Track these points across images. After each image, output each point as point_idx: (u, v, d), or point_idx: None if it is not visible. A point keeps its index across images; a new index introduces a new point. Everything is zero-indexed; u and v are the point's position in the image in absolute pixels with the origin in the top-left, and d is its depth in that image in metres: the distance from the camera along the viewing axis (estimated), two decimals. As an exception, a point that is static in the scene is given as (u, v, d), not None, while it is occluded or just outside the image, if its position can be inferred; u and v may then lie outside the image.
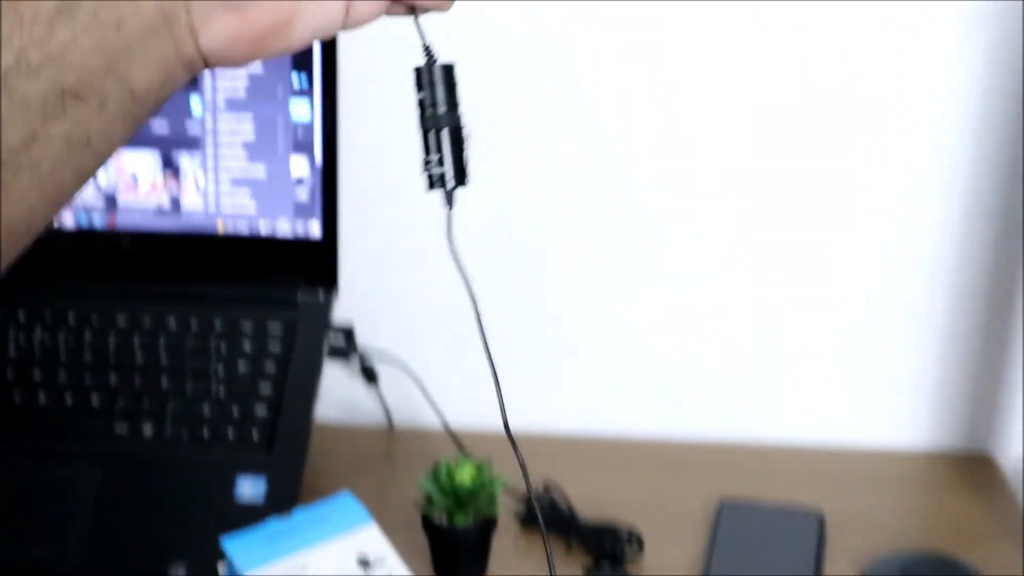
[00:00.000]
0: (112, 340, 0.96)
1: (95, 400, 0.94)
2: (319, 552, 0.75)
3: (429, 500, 0.87)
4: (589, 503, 0.95)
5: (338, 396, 1.09)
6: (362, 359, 1.07)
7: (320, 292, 0.99)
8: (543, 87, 1.04)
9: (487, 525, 0.88)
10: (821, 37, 1.02)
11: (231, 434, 0.93)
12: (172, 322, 0.97)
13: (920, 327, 1.08)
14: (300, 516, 0.77)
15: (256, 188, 0.97)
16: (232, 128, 0.96)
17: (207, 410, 0.93)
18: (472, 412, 0.97)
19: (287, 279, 0.99)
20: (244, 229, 0.98)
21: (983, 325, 1.07)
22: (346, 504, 0.78)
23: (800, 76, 1.03)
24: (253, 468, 0.91)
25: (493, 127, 1.03)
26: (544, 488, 0.95)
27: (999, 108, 1.02)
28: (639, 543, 0.93)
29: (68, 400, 0.94)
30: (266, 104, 0.96)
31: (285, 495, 0.90)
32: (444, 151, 0.56)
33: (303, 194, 0.97)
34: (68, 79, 0.49)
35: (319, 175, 0.97)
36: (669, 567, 0.92)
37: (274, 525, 0.76)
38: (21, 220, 0.51)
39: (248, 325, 0.97)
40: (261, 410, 0.94)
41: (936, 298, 1.07)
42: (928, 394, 1.09)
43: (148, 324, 0.97)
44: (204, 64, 0.52)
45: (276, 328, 0.97)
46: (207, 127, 0.97)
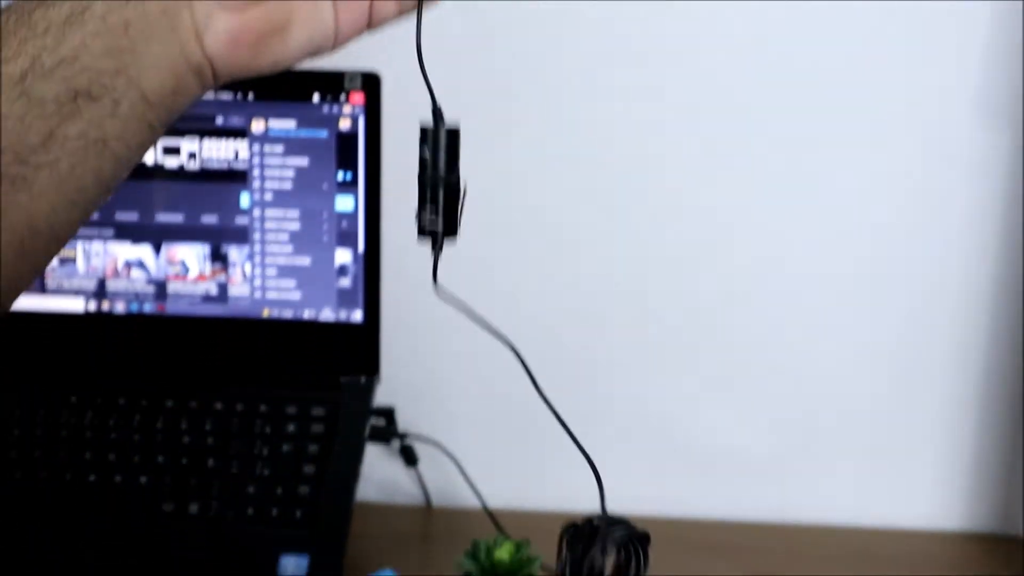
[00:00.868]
0: (160, 422, 1.00)
1: (143, 479, 0.97)
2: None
3: (468, 578, 0.89)
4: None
5: (379, 476, 1.12)
6: (402, 441, 1.10)
7: (362, 376, 1.02)
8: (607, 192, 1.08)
9: (524, 602, 0.90)
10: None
11: (275, 513, 0.95)
12: (219, 404, 1.00)
13: (953, 408, 1.10)
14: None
15: (301, 277, 1.01)
16: (279, 220, 1.01)
17: (252, 489, 0.96)
18: (509, 492, 1.00)
19: (330, 364, 1.02)
20: (289, 315, 1.02)
21: (1017, 407, 1.09)
22: (388, 582, 0.80)
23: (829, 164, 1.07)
24: (296, 546, 0.94)
25: (544, 212, 1.07)
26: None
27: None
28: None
29: (117, 479, 0.97)
30: (312, 197, 1.00)
31: (328, 573, 0.92)
32: (439, 205, 0.60)
33: (346, 282, 1.01)
34: (80, 81, 0.53)
35: (362, 264, 1.01)
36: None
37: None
38: (43, 220, 0.54)
39: (292, 408, 1.00)
40: (304, 490, 0.96)
41: (969, 379, 1.09)
42: (961, 475, 1.11)
43: (195, 406, 1.00)
44: (212, 72, 0.56)
45: (319, 411, 1.00)
46: (255, 219, 1.01)
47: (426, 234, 0.60)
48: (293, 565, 0.93)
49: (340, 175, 1.00)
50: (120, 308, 1.03)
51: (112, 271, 1.03)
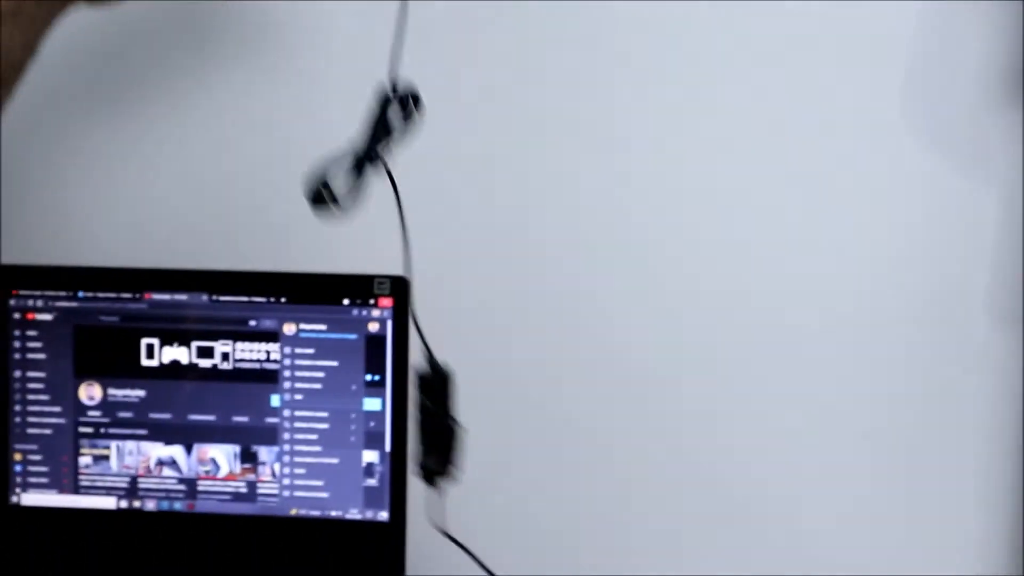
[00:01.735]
0: (188, 622, 1.00)
1: None
2: None
3: None
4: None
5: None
6: (427, 639, 1.10)
7: (388, 575, 1.03)
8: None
9: None
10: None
11: None
12: (246, 604, 1.01)
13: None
14: None
15: (329, 476, 1.03)
16: (308, 420, 1.03)
17: None
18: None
19: (357, 563, 1.03)
20: (316, 514, 1.03)
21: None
22: None
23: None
24: None
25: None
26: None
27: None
28: None
29: None
30: (341, 398, 1.03)
31: None
32: (438, 448, 0.62)
33: (373, 481, 1.02)
34: None
35: (388, 463, 1.02)
36: None
37: None
38: None
39: (318, 607, 1.01)
40: None
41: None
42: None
43: (222, 605, 1.01)
44: None
45: (345, 611, 1.00)
46: (285, 419, 1.03)
47: (430, 478, 0.62)
48: None
49: (368, 376, 1.02)
50: (151, 506, 1.05)
51: (144, 470, 1.05)
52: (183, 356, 1.04)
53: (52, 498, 1.05)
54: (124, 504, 1.05)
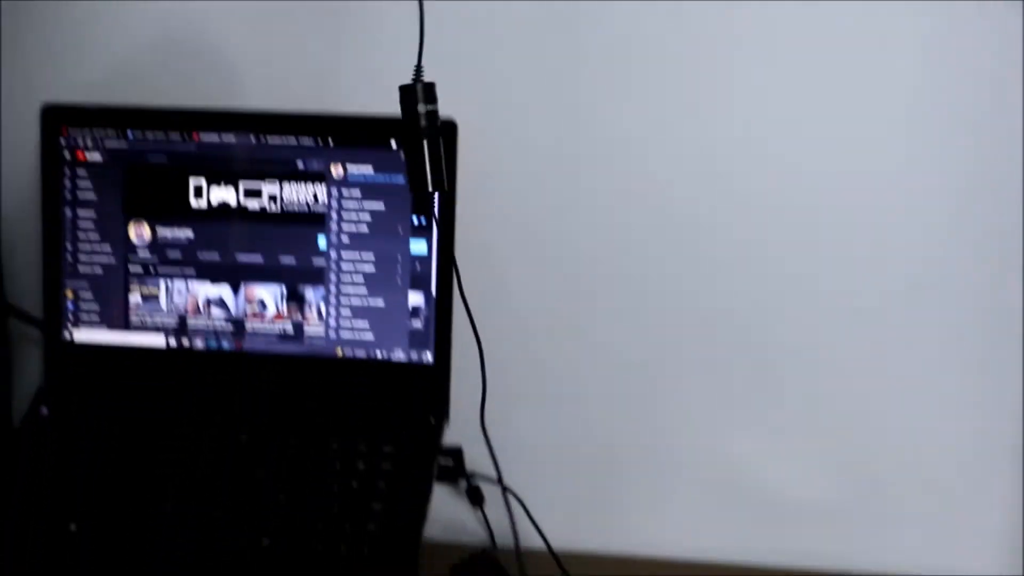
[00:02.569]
0: (231, 456, 1.02)
1: (217, 513, 0.99)
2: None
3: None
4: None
5: (444, 516, 1.14)
6: (469, 481, 1.12)
7: (432, 416, 1.04)
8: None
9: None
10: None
11: (343, 549, 0.97)
12: (291, 441, 1.03)
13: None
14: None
15: (374, 318, 1.04)
16: (354, 262, 1.04)
17: (321, 525, 0.99)
18: (574, 534, 1.01)
19: (401, 404, 1.05)
20: (362, 355, 1.04)
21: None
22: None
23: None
24: (364, 583, 0.96)
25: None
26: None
27: None
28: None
29: (192, 511, 1.00)
30: (387, 241, 1.03)
31: (393, 609, 0.94)
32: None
33: (418, 324, 1.03)
34: None
35: (434, 306, 1.03)
36: None
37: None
38: None
39: (363, 445, 1.02)
40: (373, 526, 0.98)
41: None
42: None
43: (269, 442, 1.03)
44: None
45: (389, 448, 1.02)
46: (331, 261, 1.04)
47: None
48: (360, 600, 0.95)
49: (415, 219, 1.02)
50: (199, 345, 1.07)
51: (193, 309, 1.06)
52: (231, 197, 1.04)
53: (103, 335, 1.07)
54: (173, 342, 1.07)
